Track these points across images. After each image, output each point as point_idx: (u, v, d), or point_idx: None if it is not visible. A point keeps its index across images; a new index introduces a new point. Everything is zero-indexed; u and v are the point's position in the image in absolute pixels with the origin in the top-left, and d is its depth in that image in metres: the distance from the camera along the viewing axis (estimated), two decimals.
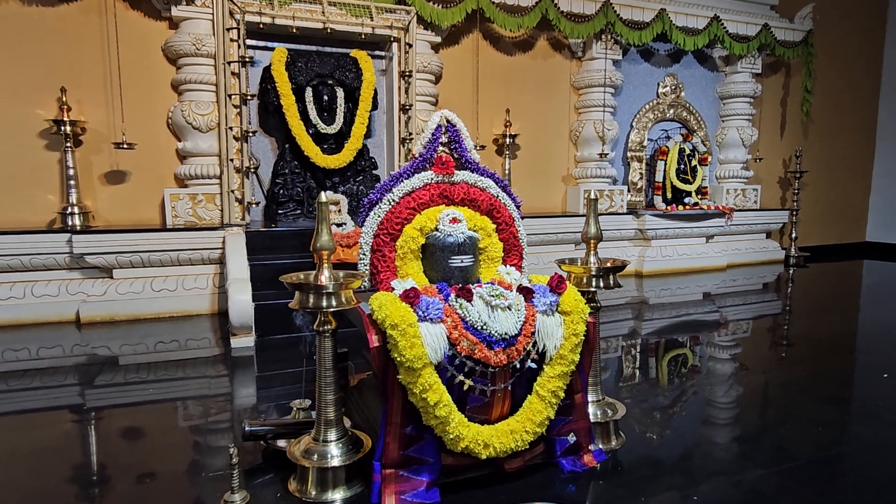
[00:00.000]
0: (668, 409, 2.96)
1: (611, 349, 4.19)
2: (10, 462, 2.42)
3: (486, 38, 6.35)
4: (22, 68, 4.73)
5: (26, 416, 3.07)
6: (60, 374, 3.79)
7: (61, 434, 2.76)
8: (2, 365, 3.91)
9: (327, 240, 2.01)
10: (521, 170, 6.69)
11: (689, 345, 4.35)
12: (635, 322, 5.24)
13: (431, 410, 1.90)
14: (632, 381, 3.50)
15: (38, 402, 3.30)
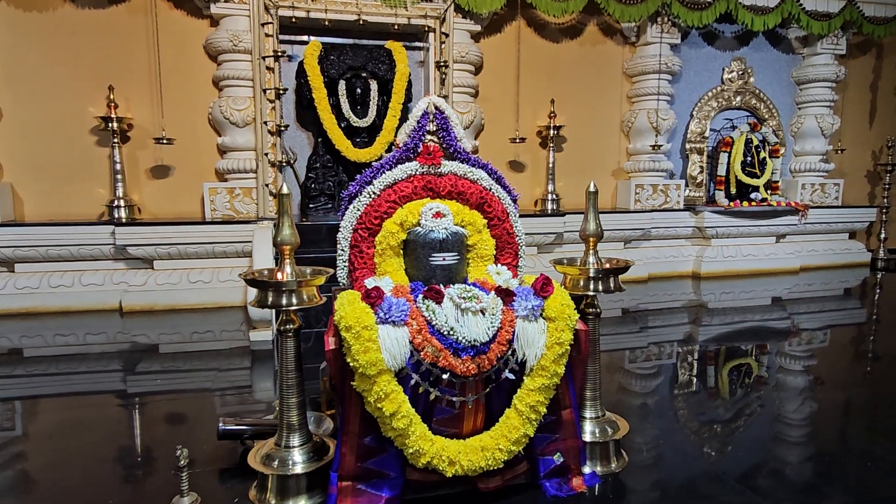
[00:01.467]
0: (730, 422, 2.67)
1: (663, 355, 3.91)
2: (58, 438, 2.60)
3: (529, 25, 6.07)
4: (75, 68, 4.99)
5: (74, 397, 3.28)
6: (105, 359, 3.97)
7: (102, 416, 2.91)
8: (53, 349, 4.15)
9: (289, 234, 1.89)
10: (567, 163, 6.36)
11: (754, 354, 3.94)
12: (691, 327, 4.85)
13: (388, 421, 1.75)
14: (687, 389, 3.21)
15: (84, 385, 3.51)
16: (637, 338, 4.52)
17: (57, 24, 4.92)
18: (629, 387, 3.34)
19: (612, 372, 3.59)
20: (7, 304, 4.67)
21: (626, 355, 4.01)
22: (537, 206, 6.22)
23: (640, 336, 4.56)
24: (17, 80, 4.91)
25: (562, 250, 6.02)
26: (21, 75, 4.91)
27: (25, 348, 4.15)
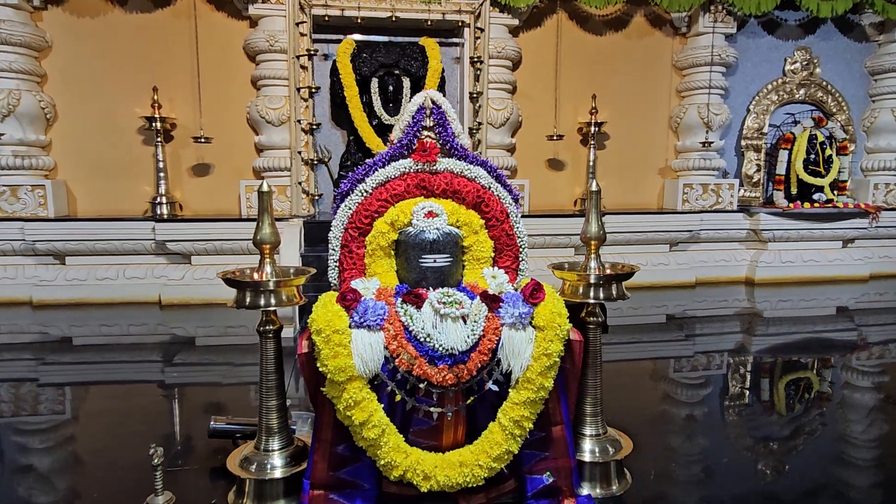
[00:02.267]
0: (787, 440, 2.47)
1: (712, 365, 3.69)
2: (100, 422, 2.80)
3: (571, 17, 5.84)
4: (123, 70, 5.21)
5: (117, 385, 3.48)
6: (146, 350, 4.14)
7: (142, 404, 3.04)
8: (99, 338, 4.36)
9: (269, 233, 1.85)
10: (609, 161, 6.09)
11: (815, 368, 3.63)
12: (744, 337, 4.54)
13: (359, 431, 1.67)
14: (739, 402, 3.01)
15: (126, 374, 3.68)
16: (683, 346, 4.27)
17: (107, 29, 5.16)
18: (675, 396, 3.17)
19: (655, 380, 3.45)
20: (58, 295, 4.93)
21: (670, 364, 3.80)
22: (576, 206, 6.00)
23: (686, 344, 4.31)
24: (71, 84, 5.19)
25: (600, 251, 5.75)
26: (74, 78, 5.18)
27: (75, 337, 4.37)
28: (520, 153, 5.89)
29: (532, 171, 5.92)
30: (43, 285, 4.94)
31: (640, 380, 3.49)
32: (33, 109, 4.94)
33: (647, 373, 3.69)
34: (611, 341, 4.47)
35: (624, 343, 4.39)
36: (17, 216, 4.90)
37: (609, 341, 4.45)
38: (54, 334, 4.41)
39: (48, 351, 4.13)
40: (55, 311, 4.82)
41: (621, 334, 4.63)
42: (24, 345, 4.28)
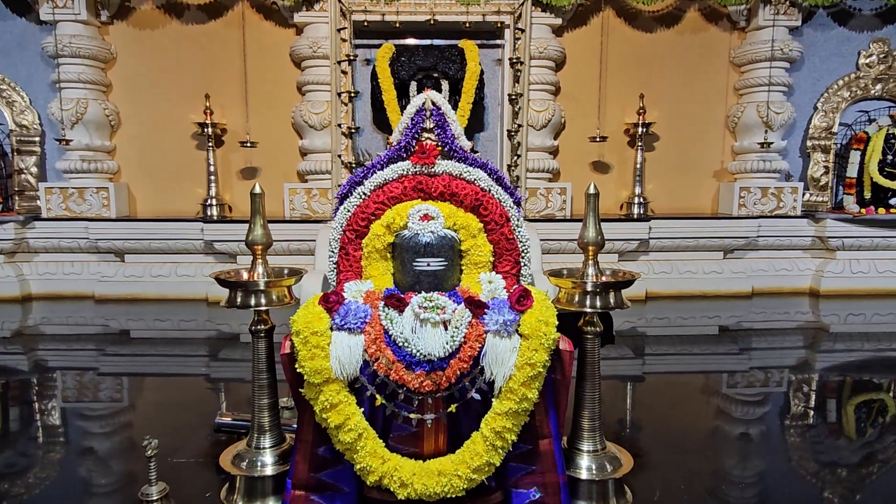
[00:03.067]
0: (858, 466, 2.31)
1: (770, 382, 3.47)
2: (151, 411, 3.03)
3: (618, 15, 5.64)
4: (179, 78, 5.51)
5: (169, 378, 3.69)
6: (195, 345, 4.37)
7: (191, 397, 3.23)
8: (154, 332, 4.64)
9: (260, 234, 1.89)
10: (659, 163, 5.83)
11: (892, 390, 3.34)
12: (807, 352, 4.24)
13: (335, 434, 1.66)
14: (801, 422, 2.83)
15: (177, 367, 3.89)
16: (737, 360, 4.03)
17: (166, 40, 5.47)
18: (730, 412, 3.00)
19: (707, 395, 3.30)
20: (118, 290, 5.27)
21: (723, 379, 3.60)
22: (622, 210, 5.78)
23: (741, 358, 4.05)
24: (133, 92, 5.54)
25: (647, 258, 5.53)
26: (136, 87, 5.53)
27: (132, 330, 4.66)
28: (563, 156, 5.75)
29: (576, 173, 5.76)
30: (104, 281, 5.30)
31: (690, 394, 3.31)
32: (99, 117, 5.31)
33: (697, 387, 3.49)
34: (657, 352, 4.28)
35: (672, 355, 4.18)
36: (83, 216, 5.28)
37: (656, 352, 4.27)
38: (114, 327, 4.71)
39: (108, 342, 4.42)
40: (115, 306, 5.15)
41: (668, 345, 4.42)
42: (88, 336, 4.60)
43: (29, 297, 5.31)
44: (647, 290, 5.39)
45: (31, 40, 5.35)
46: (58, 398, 3.16)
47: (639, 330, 4.75)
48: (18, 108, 5.39)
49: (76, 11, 5.10)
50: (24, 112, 5.40)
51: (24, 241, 5.30)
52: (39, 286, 5.36)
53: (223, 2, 5.43)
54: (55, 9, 5.06)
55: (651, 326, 4.86)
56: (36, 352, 4.18)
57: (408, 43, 5.24)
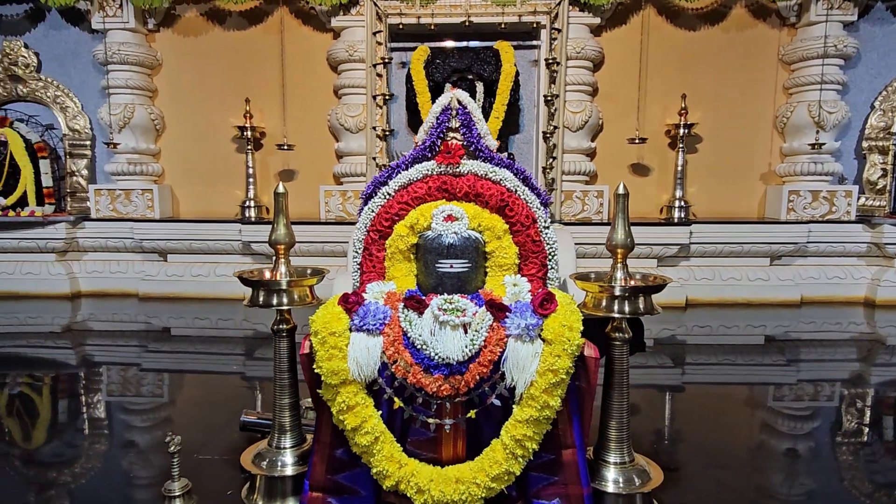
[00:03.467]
0: None
1: (821, 396, 3.29)
2: (188, 408, 3.11)
3: (660, 13, 5.48)
4: (221, 83, 5.66)
5: (204, 375, 3.79)
6: (232, 343, 4.46)
7: (228, 394, 3.28)
8: (193, 330, 4.76)
9: (283, 233, 1.89)
10: (702, 166, 5.62)
11: None
12: (861, 366, 4.01)
13: (352, 436, 1.64)
14: (854, 439, 2.67)
15: (215, 365, 3.99)
16: (783, 372, 3.83)
17: (208, 47, 5.63)
18: (775, 426, 2.85)
19: (751, 407, 3.16)
20: (160, 289, 5.44)
21: (769, 391, 3.42)
22: (662, 214, 5.60)
23: (788, 370, 3.86)
24: (178, 97, 5.72)
25: (688, 264, 5.33)
26: (180, 92, 5.71)
27: (173, 328, 4.79)
28: (600, 158, 5.62)
29: (614, 176, 5.62)
30: (147, 280, 5.48)
31: (732, 406, 3.16)
32: (145, 121, 5.50)
33: (740, 399, 3.33)
34: (698, 361, 4.11)
35: (714, 364, 4.01)
36: (128, 217, 5.47)
37: (696, 361, 4.11)
38: (156, 325, 4.85)
39: (150, 339, 4.56)
40: (157, 304, 5.32)
41: (709, 354, 4.24)
42: (132, 332, 4.75)
43: (78, 295, 5.54)
44: (687, 297, 5.20)
45: (83, 49, 5.60)
46: (103, 392, 3.27)
47: (678, 338, 4.58)
48: (71, 113, 5.64)
49: (125, 20, 5.30)
50: (77, 117, 5.65)
51: (75, 240, 5.53)
52: (88, 284, 5.58)
53: (263, 8, 5.55)
54: (105, 18, 5.28)
55: (691, 334, 4.68)
56: (83, 347, 4.33)
57: (443, 45, 5.23)
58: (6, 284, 5.45)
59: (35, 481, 2.17)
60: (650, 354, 4.13)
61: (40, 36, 5.67)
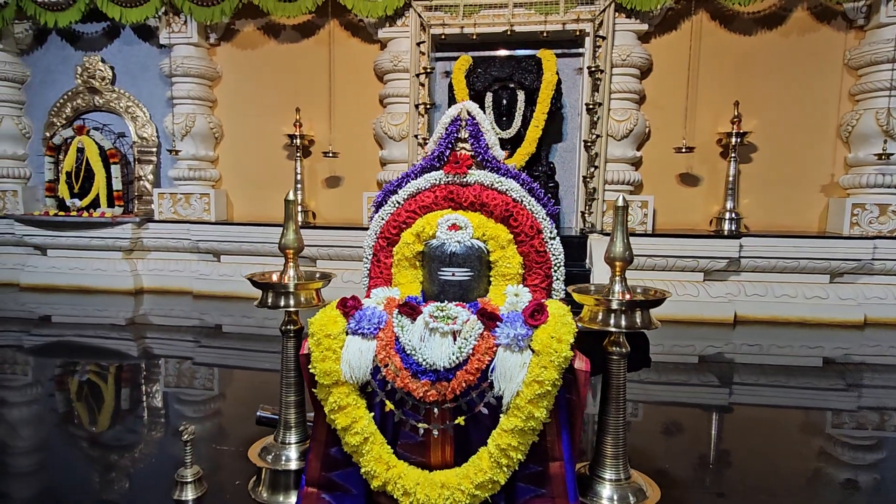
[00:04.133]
0: None
1: (887, 425, 3.08)
2: (232, 401, 3.24)
3: (713, 17, 5.29)
4: (275, 92, 5.94)
5: (252, 371, 3.93)
6: (277, 341, 4.64)
7: (262, 389, 3.44)
8: (242, 328, 5.00)
9: (292, 238, 1.99)
10: (756, 176, 5.36)
11: None
12: None
13: (342, 436, 1.70)
14: None
15: (260, 362, 4.15)
16: (843, 397, 3.59)
17: (263, 59, 5.93)
18: (833, 454, 2.69)
19: (807, 434, 2.98)
20: (213, 288, 5.75)
21: (826, 417, 3.23)
22: (712, 226, 5.38)
23: (849, 396, 3.62)
24: (235, 107, 6.05)
25: (738, 279, 5.09)
26: (237, 102, 6.04)
27: (223, 325, 5.06)
28: (646, 167, 5.47)
29: (661, 186, 5.46)
30: (202, 279, 5.80)
31: (784, 431, 2.98)
32: (205, 130, 5.85)
33: (793, 424, 3.15)
34: (746, 381, 3.92)
35: (764, 386, 3.80)
36: (187, 219, 5.82)
37: (745, 381, 3.91)
38: (209, 321, 5.13)
39: (203, 335, 4.82)
40: (210, 302, 5.62)
41: (759, 375, 4.03)
42: (186, 328, 5.05)
43: (141, 291, 5.94)
44: (735, 313, 4.97)
45: (152, 62, 6.03)
46: (160, 383, 3.49)
47: (726, 356, 4.38)
48: (140, 122, 6.08)
49: (189, 35, 5.67)
50: (145, 126, 6.08)
51: (140, 240, 5.95)
52: (149, 281, 5.98)
53: (315, 21, 5.79)
54: (171, 34, 5.67)
55: (740, 353, 4.47)
56: (144, 339, 4.64)
57: (486, 54, 5.28)
58: (79, 279, 5.92)
59: (99, 462, 2.34)
60: (693, 372, 3.99)
61: (115, 51, 6.15)
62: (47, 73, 6.32)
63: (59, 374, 3.60)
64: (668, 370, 3.92)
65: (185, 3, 5.42)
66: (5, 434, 2.60)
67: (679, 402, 3.45)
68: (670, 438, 2.81)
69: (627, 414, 1.83)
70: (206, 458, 2.33)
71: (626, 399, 1.82)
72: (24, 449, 2.49)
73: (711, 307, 4.94)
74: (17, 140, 6.32)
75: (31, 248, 6.21)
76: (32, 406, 3.01)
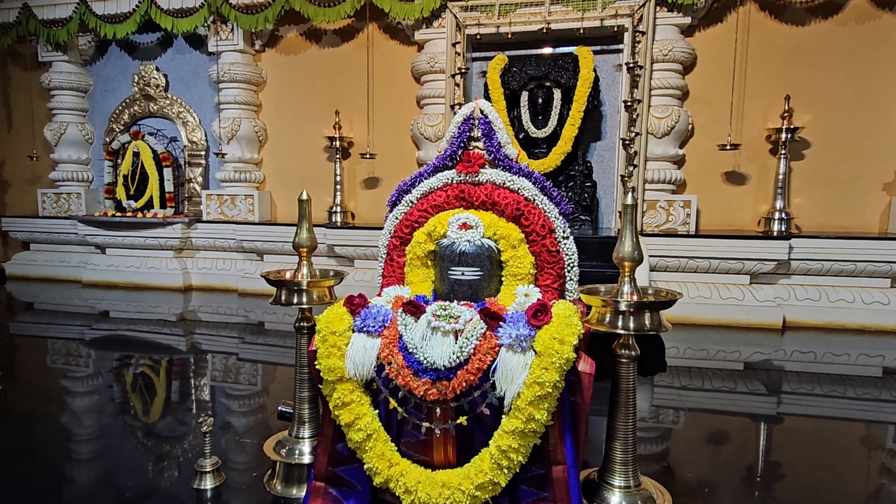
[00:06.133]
0: None
1: None
2: (274, 396, 3.27)
3: (762, 8, 5.04)
4: (316, 96, 6.08)
5: (286, 367, 3.92)
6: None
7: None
8: (283, 326, 5.15)
9: (306, 237, 2.03)
10: (810, 174, 5.07)
11: None
12: None
13: (346, 431, 1.72)
14: None
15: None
16: None
17: (305, 64, 6.09)
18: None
19: (868, 447, 2.82)
20: (256, 286, 5.94)
21: (889, 431, 3.03)
22: (760, 227, 5.13)
23: None
24: (278, 110, 6.24)
25: (788, 282, 4.83)
26: (281, 106, 6.22)
27: (266, 322, 5.23)
28: (692, 165, 5.28)
29: (706, 185, 5.25)
30: (247, 277, 6.01)
31: (843, 444, 2.80)
32: (249, 133, 6.06)
33: (852, 436, 2.95)
34: (798, 391, 3.72)
35: (817, 395, 3.59)
36: (232, 220, 6.05)
37: (796, 391, 3.71)
38: (252, 319, 5.31)
39: (247, 332, 5.00)
40: (254, 300, 5.81)
41: (812, 383, 3.81)
42: (232, 325, 5.24)
43: (189, 288, 6.21)
44: (784, 318, 4.72)
45: (202, 69, 6.30)
46: (207, 377, 3.63)
47: (774, 363, 4.17)
48: (191, 126, 6.36)
49: (235, 42, 5.89)
50: (195, 130, 6.36)
51: (189, 239, 6.22)
52: (198, 279, 6.24)
53: (355, 25, 5.89)
54: (219, 41, 5.90)
55: (790, 360, 4.24)
56: (193, 335, 4.85)
57: (523, 53, 5.23)
58: (134, 276, 6.26)
59: (152, 452, 2.45)
60: (738, 379, 3.81)
61: (169, 59, 6.47)
62: (108, 81, 6.71)
63: (115, 366, 3.80)
64: (712, 376, 3.76)
65: (230, 12, 5.63)
66: (70, 422, 2.77)
67: (724, 410, 3.30)
68: (713, 447, 2.70)
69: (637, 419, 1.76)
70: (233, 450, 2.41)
71: (636, 403, 1.76)
72: (86, 436, 2.63)
73: (758, 311, 4.71)
74: (81, 145, 6.74)
75: (92, 247, 6.60)
76: (94, 396, 3.19)
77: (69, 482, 2.18)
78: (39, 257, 6.80)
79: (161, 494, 2.05)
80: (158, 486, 2.13)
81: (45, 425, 2.73)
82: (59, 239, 6.70)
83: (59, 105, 6.61)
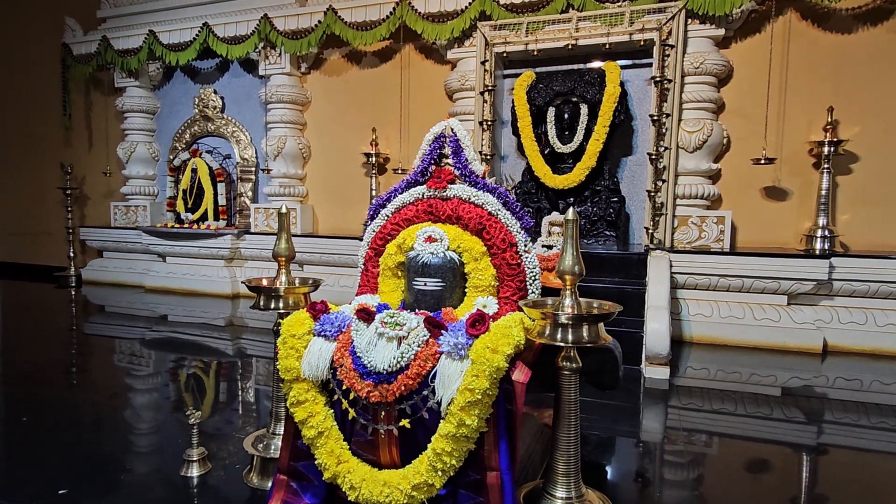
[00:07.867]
0: None
1: None
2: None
3: (804, 17, 4.83)
4: (355, 114, 6.38)
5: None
6: None
7: None
8: None
9: (284, 247, 2.19)
10: (857, 189, 4.78)
11: None
12: None
13: (301, 428, 1.85)
14: None
15: None
16: None
17: (346, 84, 6.40)
18: None
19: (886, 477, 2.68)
20: None
21: None
22: (802, 245, 4.87)
23: None
24: (321, 128, 6.58)
25: (830, 303, 4.55)
26: (323, 124, 6.56)
27: None
28: (729, 179, 5.10)
29: (743, 200, 5.06)
30: None
31: (892, 479, 2.67)
32: (294, 150, 6.43)
33: (877, 467, 2.81)
34: (841, 420, 3.51)
35: (864, 427, 3.36)
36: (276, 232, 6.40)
37: (839, 420, 3.49)
38: None
39: None
40: None
41: (858, 413, 3.58)
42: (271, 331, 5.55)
43: (237, 295, 6.61)
44: (825, 342, 4.44)
45: (253, 92, 6.76)
46: (252, 380, 3.87)
47: (815, 389, 3.94)
48: (243, 144, 6.82)
49: (282, 66, 6.30)
50: (247, 148, 6.81)
51: (238, 249, 6.64)
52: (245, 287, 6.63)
53: (393, 47, 6.15)
54: (268, 65, 6.33)
55: (832, 388, 3.99)
56: (240, 340, 5.17)
57: (552, 69, 5.27)
58: (188, 283, 6.74)
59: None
60: (774, 405, 3.64)
61: (225, 83, 6.98)
62: (173, 104, 7.32)
63: (171, 367, 4.13)
64: (747, 401, 3.61)
65: (278, 38, 6.03)
66: (133, 417, 3.05)
67: (759, 437, 3.16)
68: (749, 476, 2.62)
69: (580, 431, 1.77)
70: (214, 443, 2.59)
71: (579, 416, 1.78)
72: (144, 431, 2.87)
73: (796, 334, 4.46)
74: (148, 162, 7.38)
75: (154, 256, 7.18)
76: (153, 394, 3.47)
77: (126, 471, 2.36)
78: (110, 264, 7.47)
79: (153, 479, 2.26)
80: (222, 481, 2.34)
81: (110, 418, 3.01)
82: (127, 248, 7.33)
83: (130, 126, 7.29)
